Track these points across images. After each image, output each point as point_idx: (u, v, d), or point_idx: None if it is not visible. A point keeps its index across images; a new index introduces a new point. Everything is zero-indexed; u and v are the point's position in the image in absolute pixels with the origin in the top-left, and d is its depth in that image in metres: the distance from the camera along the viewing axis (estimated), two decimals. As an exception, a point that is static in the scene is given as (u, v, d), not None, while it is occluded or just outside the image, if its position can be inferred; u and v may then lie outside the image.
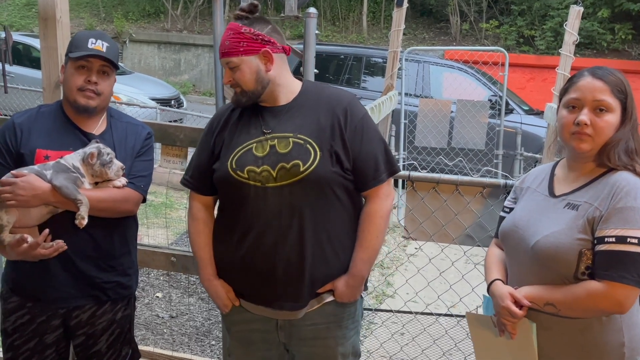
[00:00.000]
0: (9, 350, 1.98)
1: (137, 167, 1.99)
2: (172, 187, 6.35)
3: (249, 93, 1.75)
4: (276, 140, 1.73)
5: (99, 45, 1.90)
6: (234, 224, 1.78)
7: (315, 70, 2.15)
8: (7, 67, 8.62)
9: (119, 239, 2.00)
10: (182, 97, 9.74)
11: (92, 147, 1.86)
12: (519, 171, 6.14)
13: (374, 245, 1.79)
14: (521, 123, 6.70)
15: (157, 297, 3.82)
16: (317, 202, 1.72)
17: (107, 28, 15.45)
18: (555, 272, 1.53)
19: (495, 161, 6.24)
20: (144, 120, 2.23)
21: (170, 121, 7.75)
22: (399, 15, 4.92)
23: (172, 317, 3.58)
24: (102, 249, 1.95)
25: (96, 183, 1.90)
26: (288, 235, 1.71)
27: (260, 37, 1.72)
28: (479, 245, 2.26)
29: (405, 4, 4.86)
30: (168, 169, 2.55)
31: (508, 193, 2.16)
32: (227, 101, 2.35)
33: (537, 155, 5.89)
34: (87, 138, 1.94)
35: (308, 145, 1.70)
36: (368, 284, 1.98)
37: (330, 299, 1.80)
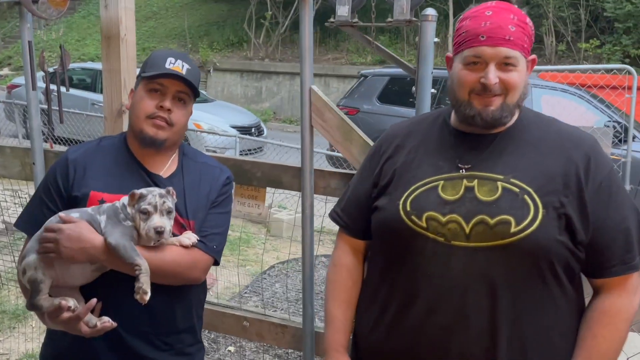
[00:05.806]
0: None
1: (211, 221, 1.54)
2: (249, 220, 6.04)
3: (507, 108, 1.24)
4: (476, 181, 1.24)
5: (178, 65, 1.50)
6: (391, 290, 1.31)
7: (433, 90, 1.63)
8: (93, 95, 8.86)
9: (181, 309, 1.56)
10: (262, 124, 9.56)
11: (145, 189, 1.43)
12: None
13: (609, 358, 1.24)
14: (644, 153, 5.81)
15: (229, 351, 3.39)
16: (526, 281, 1.20)
17: (193, 58, 15.81)
18: None
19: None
20: (223, 148, 1.80)
21: (250, 149, 7.50)
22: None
23: (245, 376, 3.13)
24: (159, 322, 1.52)
25: None
26: (474, 319, 1.21)
27: (532, 39, 1.27)
28: None
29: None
30: (242, 213, 2.11)
31: None
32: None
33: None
34: (152, 180, 1.53)
35: (526, 197, 1.20)
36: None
37: None
